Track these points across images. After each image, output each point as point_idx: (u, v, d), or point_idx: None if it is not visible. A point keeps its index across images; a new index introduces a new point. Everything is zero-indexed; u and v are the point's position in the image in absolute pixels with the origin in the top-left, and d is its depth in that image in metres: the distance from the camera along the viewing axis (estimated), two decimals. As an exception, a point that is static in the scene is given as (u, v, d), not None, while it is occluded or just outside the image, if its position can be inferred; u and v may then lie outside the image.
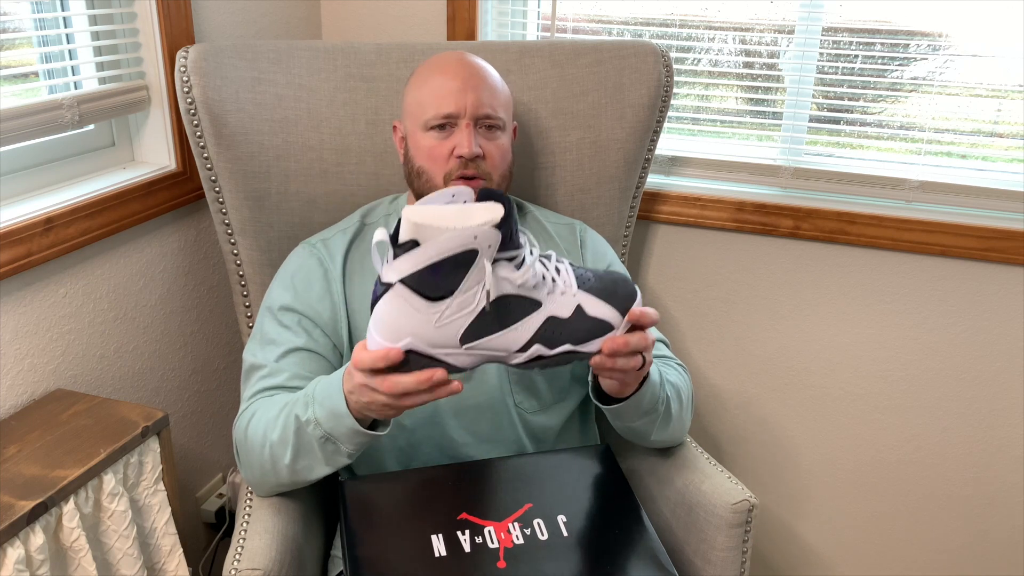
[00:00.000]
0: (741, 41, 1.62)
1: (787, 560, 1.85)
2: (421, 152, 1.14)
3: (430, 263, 0.78)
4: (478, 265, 0.80)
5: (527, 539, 0.94)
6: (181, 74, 1.24)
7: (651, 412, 1.08)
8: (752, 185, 1.66)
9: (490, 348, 0.85)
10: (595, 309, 0.87)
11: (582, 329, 0.87)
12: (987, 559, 1.71)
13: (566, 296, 0.87)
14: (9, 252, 1.12)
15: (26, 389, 1.21)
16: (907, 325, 1.61)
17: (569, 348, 0.87)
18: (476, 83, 1.12)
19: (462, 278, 0.80)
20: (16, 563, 0.96)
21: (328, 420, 0.94)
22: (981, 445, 1.64)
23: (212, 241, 1.53)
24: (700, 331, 1.74)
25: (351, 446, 0.96)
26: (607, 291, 0.89)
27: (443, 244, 0.77)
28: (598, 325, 0.88)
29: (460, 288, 0.81)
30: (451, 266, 0.79)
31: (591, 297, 0.88)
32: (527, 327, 0.85)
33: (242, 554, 0.99)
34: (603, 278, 0.90)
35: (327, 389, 0.95)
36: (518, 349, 0.86)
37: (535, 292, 0.85)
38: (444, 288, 0.80)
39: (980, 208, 1.54)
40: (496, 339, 0.85)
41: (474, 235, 0.78)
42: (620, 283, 0.90)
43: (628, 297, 0.89)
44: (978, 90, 1.50)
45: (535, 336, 0.86)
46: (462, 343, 0.84)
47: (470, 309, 0.82)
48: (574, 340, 0.87)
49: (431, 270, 0.79)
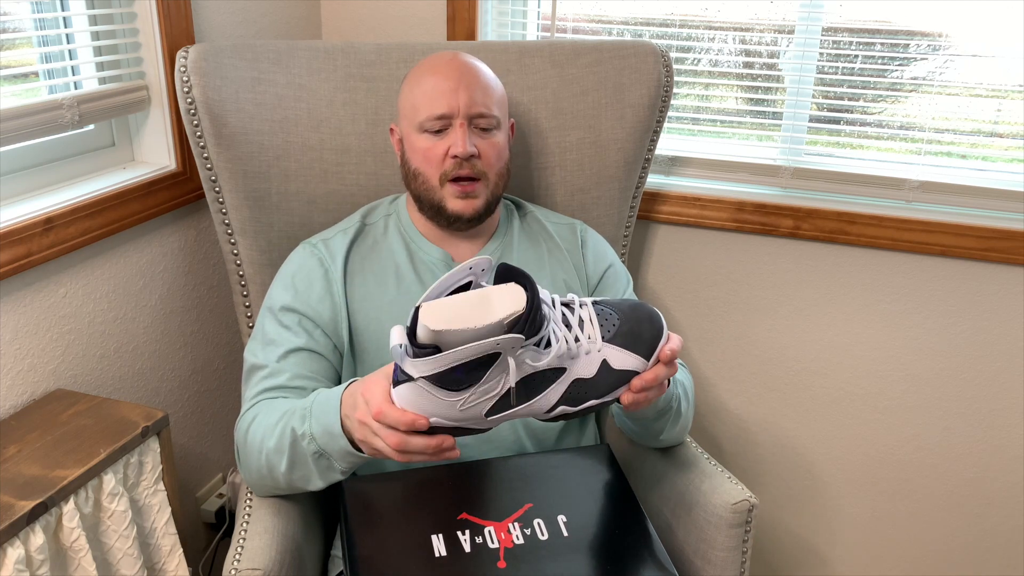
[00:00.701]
0: (741, 41, 1.62)
1: (787, 560, 1.85)
2: (417, 154, 1.14)
3: (452, 367, 0.78)
4: (502, 362, 0.79)
5: (527, 539, 0.94)
6: (181, 74, 1.24)
7: (667, 411, 1.08)
8: (752, 185, 1.66)
9: (513, 417, 0.85)
10: (621, 362, 0.86)
11: (607, 384, 0.86)
12: (987, 559, 1.71)
13: (591, 355, 0.85)
14: (9, 252, 1.12)
15: (26, 389, 1.21)
16: (907, 325, 1.61)
17: (594, 403, 0.87)
18: (468, 82, 1.12)
19: (485, 372, 0.79)
20: (16, 563, 0.96)
21: (322, 437, 0.94)
22: (981, 445, 1.64)
23: (212, 241, 1.53)
24: (700, 331, 1.74)
25: (344, 464, 0.96)
26: (632, 336, 0.87)
27: (465, 352, 0.76)
28: (624, 376, 0.87)
29: (483, 379, 0.80)
30: (474, 365, 0.79)
31: (616, 349, 0.86)
32: (552, 394, 0.85)
33: (242, 554, 0.99)
34: (627, 315, 0.88)
35: (324, 405, 0.95)
36: (544, 412, 0.86)
37: (560, 362, 0.84)
38: (467, 382, 0.80)
39: (980, 208, 1.54)
40: (521, 410, 0.84)
41: (497, 342, 0.76)
42: (646, 324, 0.88)
43: (653, 338, 0.88)
44: (978, 90, 1.50)
45: (560, 399, 0.85)
46: (487, 416, 0.84)
47: (494, 393, 0.82)
48: (598, 395, 0.87)
49: (453, 370, 0.78)
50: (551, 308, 0.84)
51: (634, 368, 0.87)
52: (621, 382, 0.87)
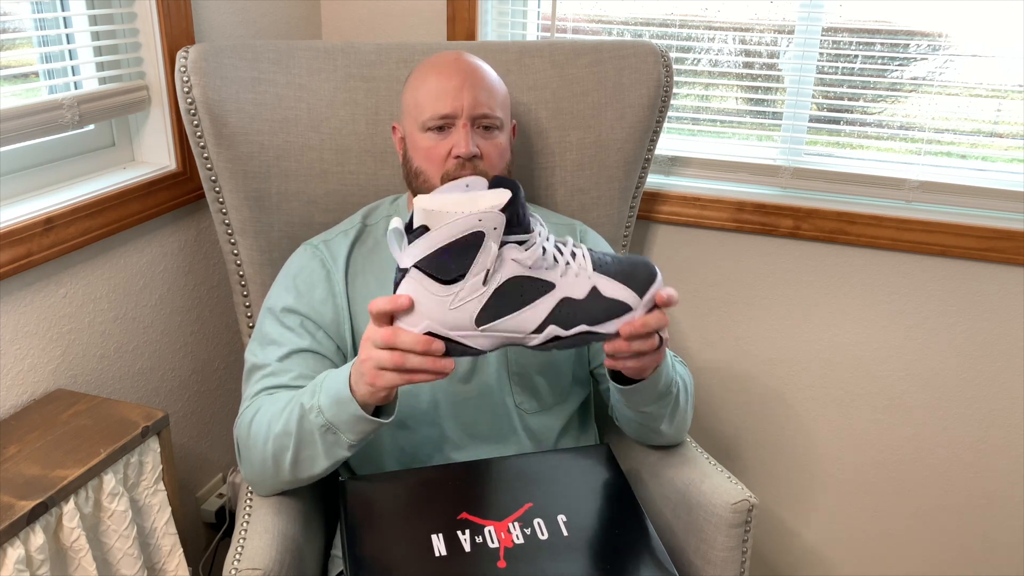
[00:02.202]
0: (741, 41, 1.62)
1: (787, 560, 1.85)
2: (419, 153, 1.14)
3: (440, 246, 0.82)
4: (485, 247, 0.83)
5: (527, 539, 0.94)
6: (181, 74, 1.24)
7: (666, 395, 1.08)
8: (752, 185, 1.66)
9: (506, 330, 0.87)
10: (611, 291, 0.88)
11: (597, 309, 0.88)
12: (987, 559, 1.71)
13: (580, 278, 0.87)
14: (9, 252, 1.12)
15: (26, 389, 1.21)
16: (907, 325, 1.61)
17: (585, 329, 0.88)
18: (472, 83, 1.12)
19: (472, 260, 0.83)
20: (16, 563, 0.96)
21: (331, 407, 0.94)
22: (981, 445, 1.64)
23: (212, 241, 1.53)
24: (700, 331, 1.74)
25: (352, 435, 0.95)
26: (624, 273, 0.89)
27: (451, 227, 0.82)
28: (614, 305, 0.88)
29: (471, 270, 0.83)
30: (460, 248, 0.82)
31: (607, 279, 0.88)
32: (541, 308, 0.87)
33: (242, 554, 0.99)
34: (622, 261, 0.90)
35: (336, 377, 0.96)
36: (534, 330, 0.87)
37: (547, 274, 0.86)
38: (455, 271, 0.83)
39: (980, 208, 1.54)
40: (510, 320, 0.86)
41: (479, 218, 0.82)
42: (640, 266, 0.90)
43: (647, 279, 0.89)
44: (978, 90, 1.50)
45: (549, 316, 0.87)
46: (478, 325, 0.86)
47: (482, 292, 0.84)
48: (589, 320, 0.88)
49: (442, 252, 0.83)
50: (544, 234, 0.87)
51: (625, 300, 0.88)
52: (612, 313, 0.88)
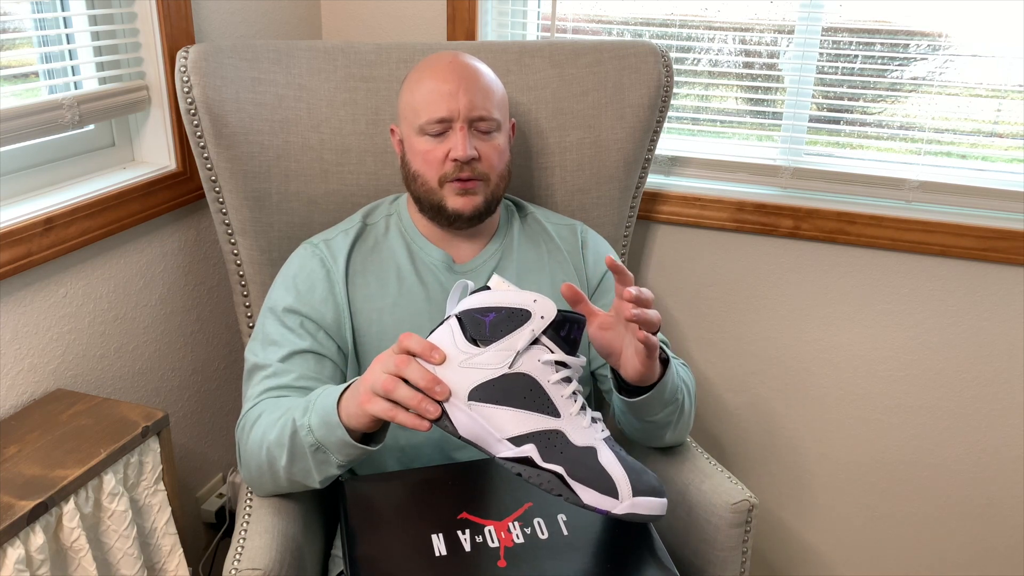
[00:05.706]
0: (741, 41, 1.62)
1: (787, 560, 1.85)
2: (417, 156, 1.14)
3: (488, 305, 0.86)
4: (524, 328, 0.85)
5: (527, 538, 0.94)
6: (181, 74, 1.24)
7: (673, 402, 1.07)
8: (752, 185, 1.66)
9: (488, 419, 0.84)
10: (609, 466, 0.85)
11: (585, 468, 0.84)
12: (987, 559, 1.71)
13: (586, 432, 0.86)
14: (9, 252, 1.12)
15: (26, 389, 1.21)
16: (907, 325, 1.61)
17: (562, 473, 0.84)
18: (469, 85, 1.11)
19: (506, 333, 0.85)
20: (16, 563, 0.96)
21: (320, 428, 0.94)
22: (981, 445, 1.64)
23: (212, 241, 1.53)
24: (700, 331, 1.74)
25: (340, 456, 0.95)
26: (632, 468, 0.86)
27: (507, 295, 0.86)
28: (602, 478, 0.84)
29: (499, 341, 0.85)
30: (503, 316, 0.85)
31: (612, 456, 0.86)
32: (532, 421, 0.84)
33: (242, 554, 0.99)
34: (635, 468, 0.87)
35: (326, 398, 0.95)
36: (511, 438, 0.84)
37: (559, 402, 0.85)
38: (488, 335, 0.85)
39: (980, 208, 1.54)
40: (498, 411, 0.84)
41: (534, 298, 0.86)
42: (650, 477, 0.88)
43: (648, 491, 0.86)
44: (978, 90, 1.50)
45: (536, 435, 0.84)
46: (469, 398, 0.84)
47: (493, 368, 0.84)
48: (571, 472, 0.84)
49: (486, 312, 0.85)
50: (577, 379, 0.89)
51: (617, 485, 0.85)
52: (594, 483, 0.84)
